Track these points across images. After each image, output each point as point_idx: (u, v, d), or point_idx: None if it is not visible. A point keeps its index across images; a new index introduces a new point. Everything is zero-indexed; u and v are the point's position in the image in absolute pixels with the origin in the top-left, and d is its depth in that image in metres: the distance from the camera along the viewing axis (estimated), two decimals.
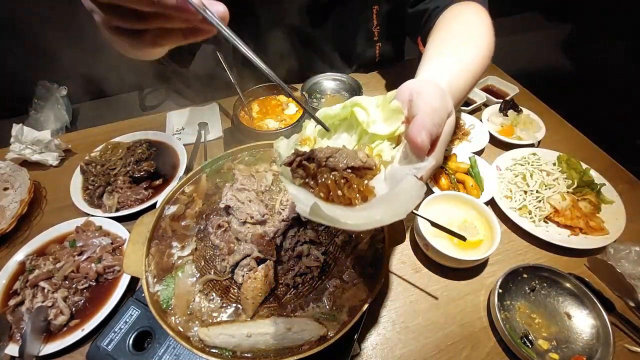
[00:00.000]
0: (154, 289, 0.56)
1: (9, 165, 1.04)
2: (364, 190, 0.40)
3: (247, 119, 1.06)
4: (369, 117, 0.46)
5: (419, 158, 0.40)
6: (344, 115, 0.48)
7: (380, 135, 0.45)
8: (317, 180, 0.41)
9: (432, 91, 0.43)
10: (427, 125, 0.39)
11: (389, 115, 0.45)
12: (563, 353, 0.67)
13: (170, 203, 0.68)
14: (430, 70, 0.59)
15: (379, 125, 0.45)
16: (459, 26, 0.77)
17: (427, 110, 0.40)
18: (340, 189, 0.40)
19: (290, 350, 0.50)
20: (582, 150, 1.09)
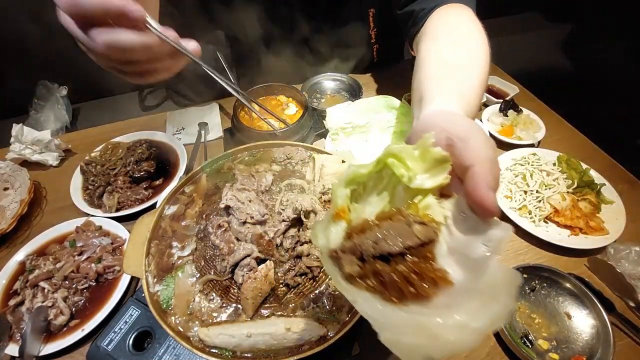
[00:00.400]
0: (154, 289, 0.56)
1: (9, 165, 1.04)
2: (437, 278, 0.33)
3: (247, 119, 1.06)
4: (409, 170, 0.38)
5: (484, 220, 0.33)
6: (376, 171, 0.40)
7: (423, 189, 0.37)
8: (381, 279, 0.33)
9: (480, 136, 0.37)
10: (492, 182, 0.33)
11: (430, 165, 0.37)
12: (563, 353, 0.67)
13: (170, 203, 0.68)
14: (444, 99, 0.54)
15: (422, 178, 0.37)
16: (453, 40, 0.72)
17: (485, 164, 0.34)
18: (413, 286, 0.32)
19: (290, 350, 0.50)
20: (582, 150, 1.09)
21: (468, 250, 0.34)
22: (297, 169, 0.73)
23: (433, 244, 0.35)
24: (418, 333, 0.27)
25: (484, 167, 0.34)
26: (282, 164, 0.74)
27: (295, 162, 0.74)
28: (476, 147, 0.36)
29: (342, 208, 0.38)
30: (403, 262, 0.33)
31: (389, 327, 0.29)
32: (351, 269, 0.33)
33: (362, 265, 0.34)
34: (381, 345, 0.28)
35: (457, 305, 0.30)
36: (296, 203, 0.61)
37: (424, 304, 0.32)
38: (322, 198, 0.66)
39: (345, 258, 0.34)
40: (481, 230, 0.33)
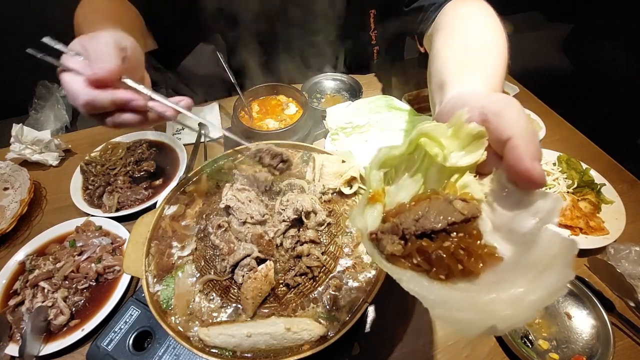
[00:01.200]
0: (154, 289, 0.56)
1: (9, 165, 1.04)
2: (485, 254, 0.32)
3: (247, 119, 1.06)
4: (444, 149, 0.37)
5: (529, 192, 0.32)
6: (408, 150, 0.38)
7: (460, 167, 0.36)
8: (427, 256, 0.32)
9: (515, 108, 0.36)
10: (535, 153, 0.32)
11: (466, 142, 0.36)
12: (563, 353, 0.67)
13: (170, 203, 0.68)
14: (469, 81, 0.53)
15: (457, 156, 0.36)
16: (472, 27, 0.71)
17: (525, 135, 0.33)
18: (461, 262, 0.31)
19: (290, 350, 0.50)
20: (582, 150, 1.09)
21: (515, 224, 0.32)
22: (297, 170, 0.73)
23: (476, 221, 0.34)
24: (472, 309, 0.27)
25: (525, 138, 0.32)
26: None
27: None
28: (513, 119, 0.34)
29: (378, 191, 0.37)
30: (448, 239, 0.32)
31: (440, 303, 0.28)
32: (393, 248, 0.33)
33: (404, 244, 0.33)
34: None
35: (508, 280, 0.29)
36: (296, 203, 0.61)
37: (473, 281, 0.31)
38: (322, 198, 0.66)
39: (386, 238, 0.33)
40: (527, 204, 0.32)
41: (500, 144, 0.34)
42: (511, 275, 0.30)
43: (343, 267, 0.59)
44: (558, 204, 0.31)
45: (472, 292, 0.30)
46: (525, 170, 0.31)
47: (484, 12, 0.74)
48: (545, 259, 0.29)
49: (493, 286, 0.30)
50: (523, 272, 0.29)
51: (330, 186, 0.67)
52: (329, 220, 0.62)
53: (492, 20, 0.71)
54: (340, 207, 0.66)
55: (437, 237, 0.33)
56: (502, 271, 0.31)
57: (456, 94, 0.49)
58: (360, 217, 0.35)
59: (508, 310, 0.27)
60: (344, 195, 0.67)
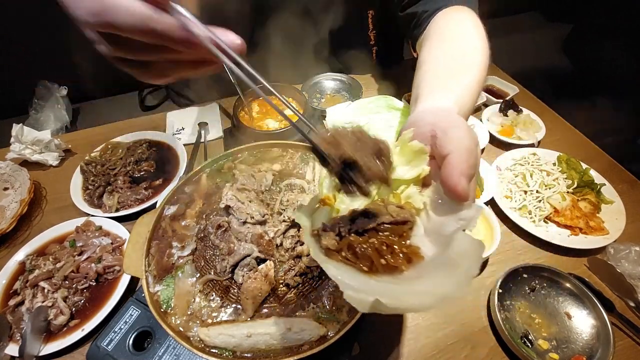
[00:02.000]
0: (154, 289, 0.56)
1: (9, 165, 1.04)
2: (409, 253, 0.35)
3: (247, 119, 1.06)
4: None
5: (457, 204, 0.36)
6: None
7: (404, 179, 0.41)
8: (354, 250, 0.35)
9: (460, 127, 0.40)
10: (465, 170, 0.36)
11: (410, 157, 0.41)
12: (563, 353, 0.67)
13: (170, 203, 0.68)
14: (436, 96, 0.56)
15: (401, 169, 0.41)
16: (453, 43, 0.73)
17: (461, 153, 0.37)
18: (383, 258, 0.35)
19: (290, 350, 0.50)
20: (582, 150, 1.09)
21: (441, 229, 0.36)
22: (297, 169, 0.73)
23: (409, 226, 0.38)
24: (382, 294, 0.29)
25: (459, 155, 0.36)
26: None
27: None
28: (454, 137, 0.38)
29: (327, 196, 0.41)
30: (375, 236, 0.36)
31: (353, 287, 0.31)
32: (328, 242, 0.36)
33: (339, 240, 0.36)
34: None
35: (426, 275, 0.33)
36: (297, 203, 0.61)
37: (396, 276, 0.34)
38: None
39: (324, 235, 0.37)
40: (454, 211, 0.36)
41: (442, 159, 0.38)
42: (429, 271, 0.34)
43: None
44: (478, 213, 0.35)
45: (391, 284, 0.33)
46: (452, 185, 0.35)
47: (470, 24, 0.76)
48: (456, 258, 0.33)
49: (412, 280, 0.33)
50: (439, 269, 0.33)
51: None
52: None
53: (477, 33, 0.73)
54: None
55: (368, 234, 0.37)
56: (423, 268, 0.35)
57: (421, 109, 0.52)
58: (305, 216, 0.39)
59: (413, 299, 0.30)
60: None
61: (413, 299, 0.30)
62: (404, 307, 0.29)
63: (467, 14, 0.79)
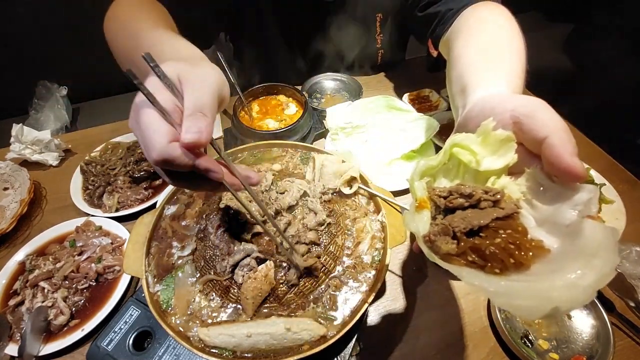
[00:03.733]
0: (154, 289, 0.56)
1: (9, 165, 1.04)
2: (533, 247, 0.34)
3: (247, 119, 1.06)
4: (475, 155, 0.40)
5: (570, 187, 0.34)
6: (443, 160, 0.42)
7: (494, 170, 0.39)
8: (481, 253, 0.34)
9: (545, 109, 0.37)
10: (572, 149, 0.34)
11: (496, 147, 0.39)
12: (563, 353, 0.67)
13: (170, 203, 0.68)
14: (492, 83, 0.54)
15: (489, 160, 0.39)
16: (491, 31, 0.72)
17: (561, 133, 0.34)
18: (512, 256, 0.33)
19: (290, 350, 0.50)
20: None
21: (557, 218, 0.34)
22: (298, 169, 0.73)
23: (519, 218, 0.36)
24: (531, 296, 0.28)
25: (561, 136, 0.34)
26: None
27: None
28: (545, 119, 0.36)
29: (423, 198, 0.39)
30: (497, 235, 0.34)
31: (500, 294, 0.30)
32: (448, 247, 0.34)
33: (457, 244, 0.35)
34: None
35: (560, 268, 0.31)
36: (296, 203, 0.61)
37: (524, 273, 0.33)
38: (322, 198, 0.66)
39: (439, 240, 0.35)
40: (565, 197, 0.34)
41: (537, 144, 0.36)
42: (562, 264, 0.32)
43: (343, 267, 0.59)
44: (595, 194, 0.33)
45: (527, 282, 0.32)
46: (566, 166, 0.33)
47: (501, 15, 0.75)
48: (591, 247, 0.31)
49: (547, 275, 0.32)
50: (573, 261, 0.31)
51: (330, 186, 0.67)
52: (329, 220, 0.62)
53: (509, 23, 0.72)
54: (340, 207, 0.66)
55: (485, 234, 0.35)
56: (552, 261, 0.33)
57: (480, 98, 0.49)
58: (413, 222, 0.38)
59: (566, 294, 0.29)
60: (344, 195, 0.67)
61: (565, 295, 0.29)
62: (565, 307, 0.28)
63: (495, 7, 0.78)
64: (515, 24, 0.71)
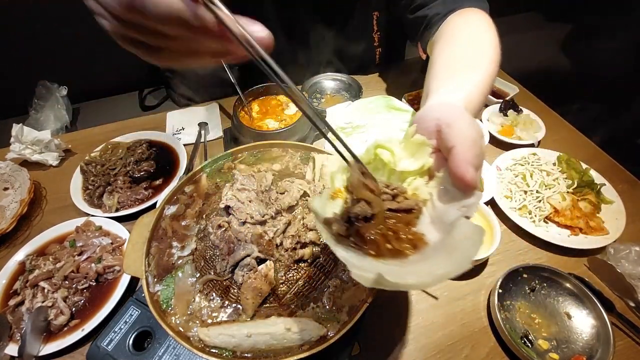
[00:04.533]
0: (154, 289, 0.56)
1: (9, 165, 1.04)
2: (414, 239, 0.38)
3: (247, 119, 1.06)
4: (395, 156, 0.44)
5: (464, 193, 0.38)
6: (368, 159, 0.46)
7: (410, 171, 0.44)
8: (362, 236, 0.38)
9: (463, 120, 0.41)
10: (472, 160, 0.37)
11: (414, 150, 0.44)
12: (563, 353, 0.67)
13: (170, 203, 0.68)
14: (444, 92, 0.57)
15: (406, 162, 0.44)
16: (465, 42, 0.75)
17: (467, 143, 0.38)
18: (389, 243, 0.37)
19: (290, 350, 0.50)
20: (582, 150, 1.09)
21: (445, 216, 0.39)
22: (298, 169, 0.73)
23: (416, 214, 0.40)
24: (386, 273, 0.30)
25: (465, 146, 0.38)
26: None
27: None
28: (458, 129, 0.40)
29: (338, 189, 0.43)
30: (383, 223, 0.39)
31: (359, 267, 0.33)
32: (338, 228, 0.38)
33: (348, 226, 0.39)
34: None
35: (429, 259, 0.36)
36: (294, 202, 0.61)
37: (402, 260, 0.37)
38: None
39: (335, 222, 0.39)
40: (458, 199, 0.38)
41: (448, 151, 0.39)
42: (431, 255, 0.36)
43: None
44: (479, 200, 0.38)
45: (396, 266, 0.36)
46: (461, 174, 0.37)
47: (483, 24, 0.76)
48: (457, 242, 0.35)
49: (415, 263, 0.36)
50: (441, 252, 0.36)
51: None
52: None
53: (485, 34, 0.74)
54: None
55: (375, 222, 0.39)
56: (426, 253, 0.37)
57: (428, 105, 0.53)
58: (318, 205, 0.41)
59: (412, 279, 0.32)
60: None
61: (413, 278, 0.32)
62: (403, 283, 0.31)
63: (478, 16, 0.80)
64: (493, 33, 0.74)
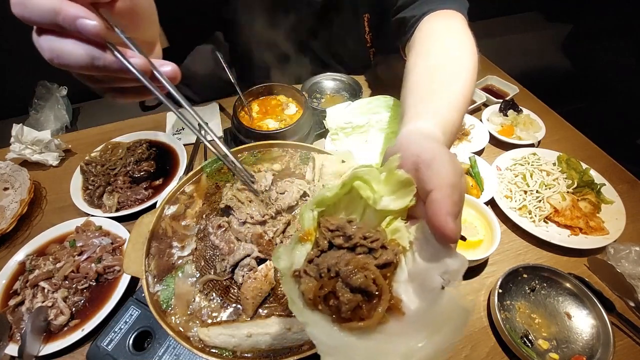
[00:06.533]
0: (154, 289, 0.56)
1: (9, 165, 1.04)
2: (391, 305, 0.33)
3: (247, 119, 1.06)
4: (374, 192, 0.38)
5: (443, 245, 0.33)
6: (343, 194, 0.40)
7: (391, 210, 0.38)
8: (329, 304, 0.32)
9: (443, 160, 0.37)
10: (450, 208, 0.32)
11: (396, 187, 0.37)
12: (563, 353, 0.67)
13: (170, 203, 0.68)
14: (423, 114, 0.55)
15: (387, 200, 0.38)
16: (440, 52, 0.71)
17: (446, 190, 0.34)
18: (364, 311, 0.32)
19: (290, 350, 0.50)
20: (582, 150, 1.09)
21: (425, 279, 0.33)
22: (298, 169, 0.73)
23: (394, 267, 0.35)
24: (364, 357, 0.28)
25: (444, 192, 0.33)
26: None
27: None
28: (438, 172, 0.35)
29: (309, 230, 0.37)
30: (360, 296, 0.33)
31: (333, 349, 0.30)
32: (305, 287, 0.33)
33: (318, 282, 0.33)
34: None
35: (408, 334, 0.31)
36: (295, 203, 0.61)
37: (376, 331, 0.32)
38: None
39: (305, 278, 0.33)
40: (440, 258, 0.33)
41: (425, 195, 0.35)
42: (412, 329, 0.31)
43: None
44: (463, 267, 0.32)
45: (371, 340, 0.31)
46: (439, 225, 0.32)
47: (458, 29, 0.74)
48: (440, 321, 0.31)
49: (393, 337, 0.31)
50: (421, 328, 0.31)
51: None
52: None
53: (460, 40, 0.71)
54: None
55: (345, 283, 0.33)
56: (405, 324, 0.32)
57: (405, 132, 0.51)
58: (285, 256, 0.35)
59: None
60: None
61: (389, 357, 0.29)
62: None
63: (452, 19, 0.77)
64: (468, 37, 0.71)
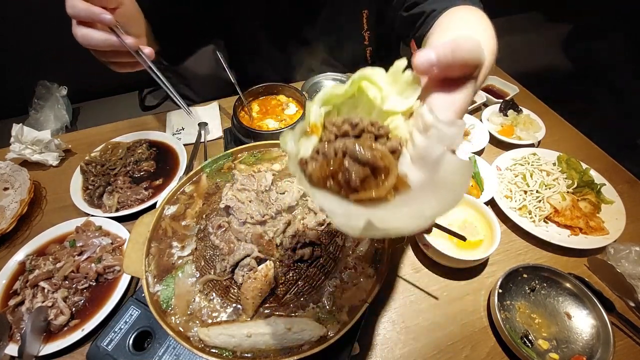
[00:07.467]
0: (154, 289, 0.56)
1: (9, 165, 1.04)
2: (396, 182, 0.34)
3: (247, 119, 1.06)
4: (382, 92, 0.39)
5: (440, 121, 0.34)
6: (351, 93, 0.41)
7: (396, 111, 0.39)
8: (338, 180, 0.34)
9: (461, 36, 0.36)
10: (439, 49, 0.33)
11: (403, 88, 0.38)
12: (563, 353, 0.67)
13: (170, 203, 0.68)
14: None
15: (393, 100, 0.39)
16: (465, 25, 0.74)
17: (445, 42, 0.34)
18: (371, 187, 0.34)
19: (290, 350, 0.50)
20: (582, 150, 1.09)
21: (427, 153, 0.35)
22: None
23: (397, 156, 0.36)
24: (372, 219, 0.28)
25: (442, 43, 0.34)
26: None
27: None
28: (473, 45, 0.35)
29: (315, 124, 0.39)
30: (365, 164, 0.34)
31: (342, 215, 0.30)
32: (312, 169, 0.34)
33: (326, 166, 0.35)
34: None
35: (414, 200, 0.32)
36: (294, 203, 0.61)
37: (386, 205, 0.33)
38: None
39: (312, 162, 0.35)
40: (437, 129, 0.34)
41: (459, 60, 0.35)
42: (419, 196, 0.33)
43: (343, 267, 0.59)
44: (459, 129, 0.33)
45: (379, 210, 0.32)
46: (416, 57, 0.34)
47: (481, 20, 0.75)
48: (443, 179, 0.31)
49: (402, 207, 0.32)
50: (427, 192, 0.32)
51: None
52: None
53: (486, 26, 0.72)
54: None
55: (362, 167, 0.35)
56: (412, 194, 0.34)
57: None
58: (292, 142, 0.36)
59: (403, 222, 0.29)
60: None
61: (403, 222, 0.29)
62: (394, 228, 0.28)
63: (475, 12, 0.79)
64: (492, 28, 0.72)
